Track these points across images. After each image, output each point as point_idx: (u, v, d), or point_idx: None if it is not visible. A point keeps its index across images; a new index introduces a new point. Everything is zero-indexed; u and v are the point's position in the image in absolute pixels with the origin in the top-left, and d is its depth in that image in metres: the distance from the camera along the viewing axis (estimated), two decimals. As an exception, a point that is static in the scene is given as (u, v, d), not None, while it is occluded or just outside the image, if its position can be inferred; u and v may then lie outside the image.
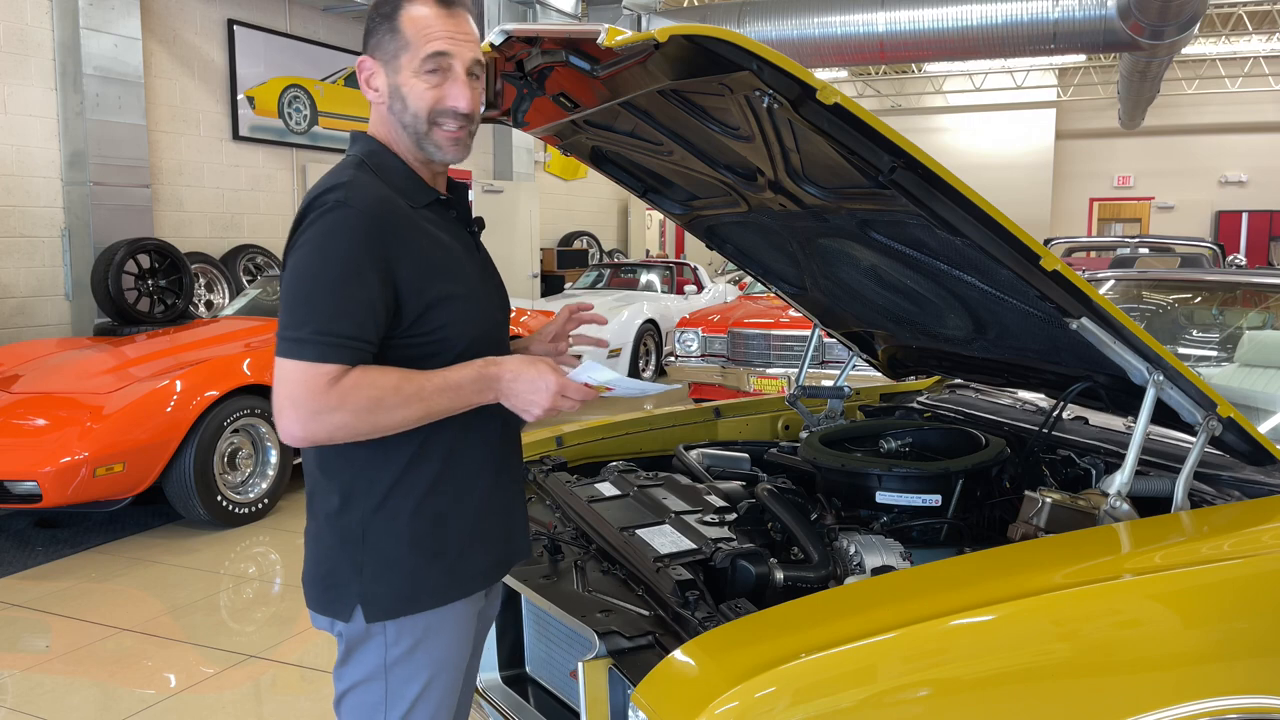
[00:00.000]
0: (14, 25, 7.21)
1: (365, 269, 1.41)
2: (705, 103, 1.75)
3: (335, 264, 1.41)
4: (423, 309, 1.48)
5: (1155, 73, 12.53)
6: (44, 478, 4.36)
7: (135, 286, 7.42)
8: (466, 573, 1.57)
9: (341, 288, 1.40)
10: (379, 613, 1.51)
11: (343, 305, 1.40)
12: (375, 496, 1.51)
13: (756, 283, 5.15)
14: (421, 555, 1.52)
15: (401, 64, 1.51)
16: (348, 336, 1.40)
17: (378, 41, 1.53)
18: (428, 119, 1.52)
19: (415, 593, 1.52)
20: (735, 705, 1.23)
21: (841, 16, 10.38)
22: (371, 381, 1.40)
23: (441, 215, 1.59)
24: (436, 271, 1.50)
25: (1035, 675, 1.40)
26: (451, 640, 1.58)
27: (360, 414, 1.39)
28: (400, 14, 1.51)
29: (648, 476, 2.33)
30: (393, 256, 1.45)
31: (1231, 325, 3.52)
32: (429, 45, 1.50)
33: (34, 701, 3.23)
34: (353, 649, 1.54)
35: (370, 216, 1.44)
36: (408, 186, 1.55)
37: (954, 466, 2.11)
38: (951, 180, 1.56)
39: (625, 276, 11.03)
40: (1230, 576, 1.58)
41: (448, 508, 1.55)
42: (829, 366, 6.57)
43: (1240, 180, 18.49)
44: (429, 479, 1.53)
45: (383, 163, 1.55)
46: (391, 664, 1.53)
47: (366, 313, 1.41)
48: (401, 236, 1.47)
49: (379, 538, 1.51)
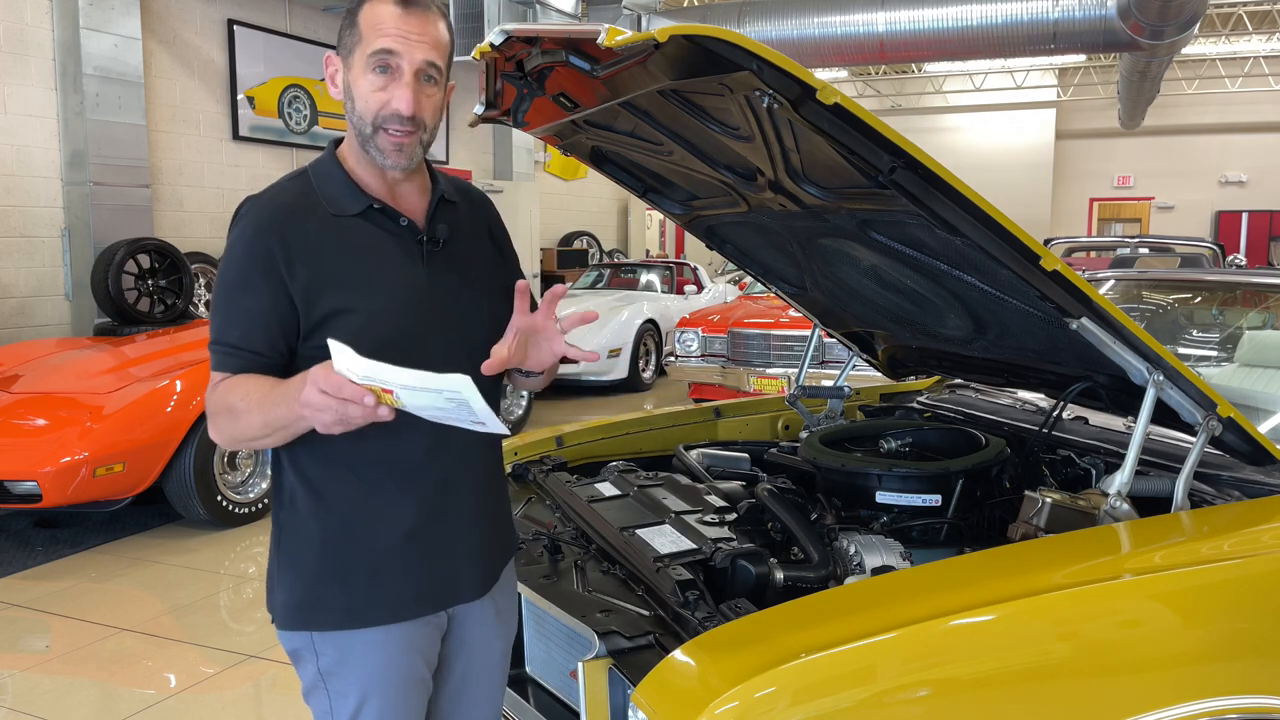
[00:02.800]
0: (14, 25, 7.21)
1: (254, 279, 1.43)
2: (705, 103, 1.75)
3: (229, 273, 1.45)
4: (314, 323, 1.44)
5: (1155, 73, 12.52)
6: (44, 478, 4.36)
7: (135, 286, 7.41)
8: (371, 604, 1.49)
9: (231, 297, 1.45)
10: (281, 621, 1.53)
11: (231, 315, 1.45)
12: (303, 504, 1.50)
13: (756, 283, 5.15)
14: (325, 571, 1.49)
15: (354, 60, 1.48)
16: (233, 345, 1.44)
17: (341, 37, 1.51)
18: (373, 122, 1.46)
19: (313, 611, 1.50)
20: (735, 705, 1.23)
21: (841, 16, 10.37)
22: (232, 389, 1.41)
23: (379, 225, 1.51)
24: (332, 285, 1.45)
25: (1035, 675, 1.40)
26: (382, 661, 1.50)
27: (228, 422, 1.41)
28: (361, 9, 1.48)
29: (648, 476, 2.33)
30: (286, 266, 1.43)
31: (1231, 325, 3.52)
32: (377, 41, 1.44)
33: (34, 701, 3.23)
34: (294, 654, 1.55)
35: (264, 226, 1.45)
36: (338, 194, 1.50)
37: (954, 466, 2.11)
38: (951, 180, 1.56)
39: (625, 276, 11.03)
40: (1230, 576, 1.58)
41: (367, 534, 1.49)
42: (829, 366, 6.56)
43: (1240, 180, 18.48)
44: (350, 495, 1.49)
45: (322, 170, 1.54)
46: (325, 673, 1.52)
47: (253, 322, 1.43)
48: (296, 246, 1.44)
49: (292, 545, 1.52)
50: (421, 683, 1.57)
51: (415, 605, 1.53)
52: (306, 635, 1.51)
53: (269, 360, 1.44)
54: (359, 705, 1.51)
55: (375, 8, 1.46)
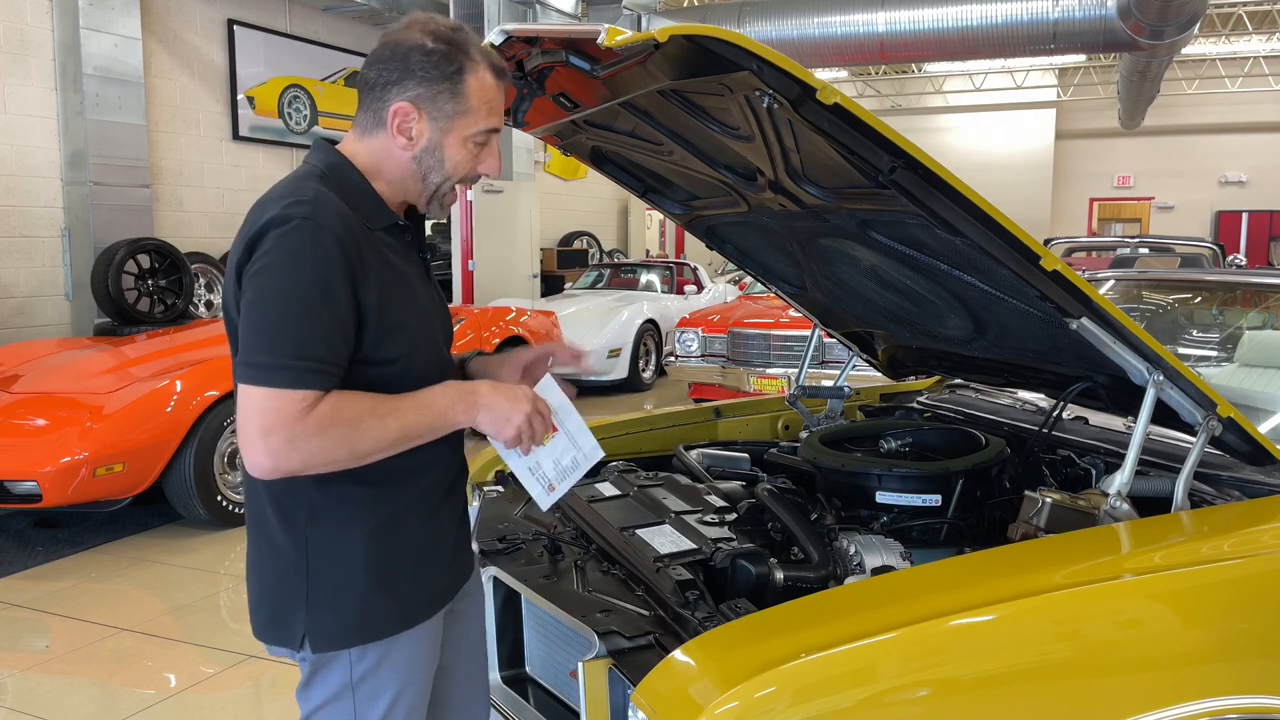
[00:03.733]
0: (14, 25, 7.21)
1: (335, 290, 1.35)
2: (705, 103, 1.75)
3: (305, 284, 1.34)
4: (382, 334, 1.42)
5: (1155, 73, 12.53)
6: (44, 478, 4.36)
7: (135, 286, 7.42)
8: (417, 602, 1.53)
9: (313, 310, 1.34)
10: (327, 643, 1.46)
11: (315, 328, 1.34)
12: (331, 522, 1.45)
13: (756, 283, 5.15)
14: (373, 584, 1.47)
15: (454, 127, 1.47)
16: (321, 360, 1.34)
17: (432, 96, 1.45)
18: (455, 180, 1.52)
19: (367, 625, 1.47)
20: (735, 705, 1.23)
21: (841, 16, 10.37)
22: (347, 405, 1.35)
23: (398, 240, 1.53)
24: (394, 297, 1.45)
25: (1035, 675, 1.40)
26: (416, 655, 1.55)
27: (338, 440, 1.34)
28: (465, 77, 1.46)
29: (648, 476, 2.33)
30: (358, 278, 1.39)
31: (1231, 325, 3.53)
32: (491, 120, 1.50)
33: (34, 701, 3.23)
34: (317, 670, 1.49)
35: (338, 235, 1.37)
36: (368, 207, 1.48)
37: (954, 466, 2.11)
38: (951, 180, 1.56)
39: (625, 276, 11.03)
40: (1230, 576, 1.58)
41: (404, 537, 1.51)
42: (829, 366, 6.57)
43: (1240, 180, 18.49)
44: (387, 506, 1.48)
45: (345, 178, 1.47)
46: (357, 682, 1.49)
47: (338, 335, 1.36)
48: (365, 258, 1.41)
49: (330, 565, 1.46)
50: (437, 668, 1.64)
51: (447, 596, 1.61)
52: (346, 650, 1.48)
53: (341, 374, 1.38)
54: (391, 704, 1.51)
55: (483, 79, 1.48)
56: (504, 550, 2.03)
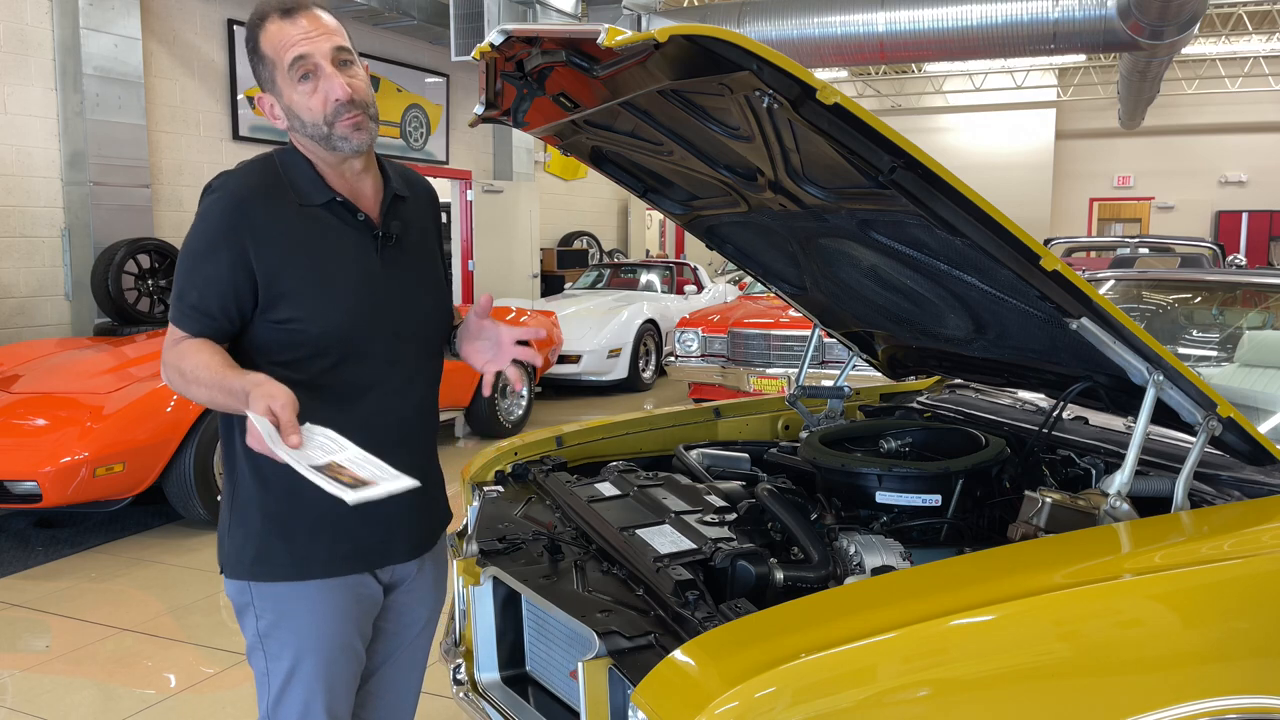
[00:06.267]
0: (14, 25, 7.21)
1: (219, 248, 1.56)
2: (705, 103, 1.75)
3: (197, 240, 1.59)
4: (273, 298, 1.58)
5: (1155, 73, 12.52)
6: (44, 478, 4.36)
7: (135, 286, 7.41)
8: (315, 556, 1.64)
9: (195, 262, 1.58)
10: (230, 570, 1.67)
11: (192, 278, 1.58)
12: (247, 464, 1.63)
13: (756, 283, 5.15)
14: (269, 528, 1.63)
15: (278, 83, 1.60)
16: (191, 306, 1.57)
17: (258, 75, 1.62)
18: (324, 122, 1.58)
19: (258, 563, 1.64)
20: (735, 705, 1.23)
21: (841, 16, 10.37)
22: (189, 355, 1.54)
23: (339, 217, 1.65)
24: (293, 266, 1.59)
25: (1035, 675, 1.40)
26: (312, 621, 1.64)
27: (177, 379, 1.56)
28: (260, 43, 1.59)
29: (648, 476, 2.33)
30: (251, 241, 1.56)
31: (1231, 325, 3.53)
32: (286, 54, 1.57)
33: (34, 701, 3.23)
34: (238, 614, 1.69)
35: (234, 202, 1.58)
36: (304, 185, 1.64)
37: (954, 466, 2.11)
38: (951, 180, 1.56)
39: (625, 276, 11.03)
40: (1230, 576, 1.58)
41: (302, 491, 1.49)
42: (829, 366, 6.57)
43: (1240, 180, 18.48)
44: (289, 469, 1.48)
45: (290, 161, 1.66)
46: (264, 635, 1.65)
47: (211, 288, 1.56)
48: (263, 224, 1.58)
49: (240, 504, 1.66)
50: (354, 652, 1.69)
51: (352, 560, 1.67)
52: (249, 589, 1.65)
53: (220, 325, 1.58)
54: (292, 667, 1.63)
55: (267, 31, 1.59)
56: (504, 550, 2.02)
